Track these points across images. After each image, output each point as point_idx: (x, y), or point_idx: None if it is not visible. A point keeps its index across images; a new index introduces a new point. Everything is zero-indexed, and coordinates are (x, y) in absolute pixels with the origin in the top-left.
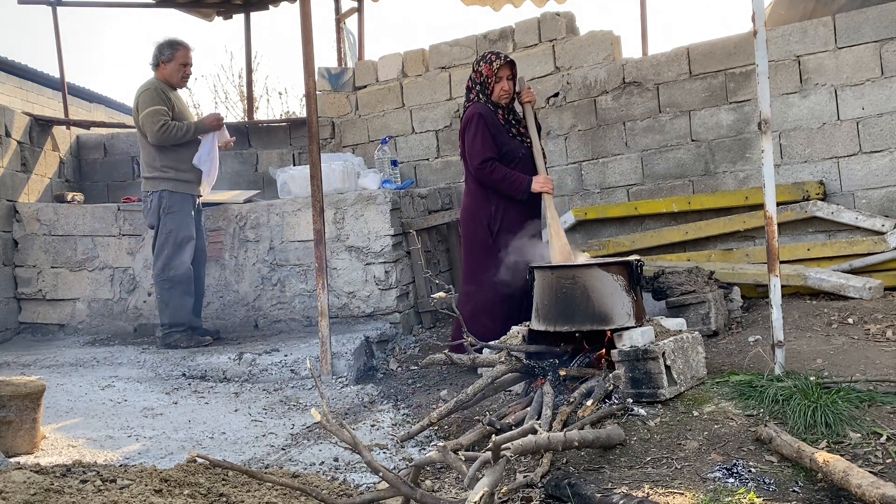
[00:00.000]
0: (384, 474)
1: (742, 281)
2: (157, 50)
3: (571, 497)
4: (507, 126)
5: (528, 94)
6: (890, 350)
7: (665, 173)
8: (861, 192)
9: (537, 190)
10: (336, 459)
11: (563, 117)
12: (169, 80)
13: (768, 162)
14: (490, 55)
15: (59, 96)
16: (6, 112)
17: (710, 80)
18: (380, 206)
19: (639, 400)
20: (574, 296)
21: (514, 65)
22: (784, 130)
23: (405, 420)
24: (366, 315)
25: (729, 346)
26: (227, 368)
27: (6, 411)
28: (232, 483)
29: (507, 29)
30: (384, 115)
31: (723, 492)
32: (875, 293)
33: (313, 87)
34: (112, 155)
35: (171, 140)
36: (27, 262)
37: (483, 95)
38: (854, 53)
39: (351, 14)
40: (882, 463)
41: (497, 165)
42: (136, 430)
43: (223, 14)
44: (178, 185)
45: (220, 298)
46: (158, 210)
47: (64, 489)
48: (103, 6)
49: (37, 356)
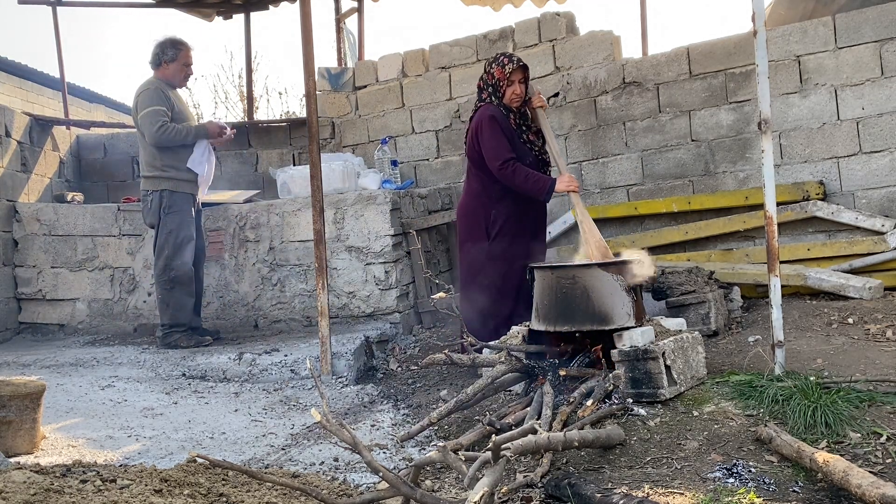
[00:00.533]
0: (384, 474)
1: (742, 281)
2: (159, 49)
3: (571, 497)
4: (518, 131)
5: (539, 100)
6: (890, 350)
7: (665, 173)
8: (861, 192)
9: (562, 190)
10: (336, 459)
11: (563, 117)
12: (170, 80)
13: (768, 162)
14: (503, 58)
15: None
16: (6, 112)
17: (710, 80)
18: (380, 206)
19: (639, 400)
20: (574, 296)
21: (526, 69)
22: (784, 130)
23: (405, 420)
24: (366, 315)
25: (729, 346)
26: (227, 368)
27: (6, 411)
28: (232, 483)
29: (507, 29)
30: (384, 115)
31: (723, 492)
32: (875, 293)
33: (313, 87)
34: (112, 155)
35: (168, 142)
36: (27, 262)
37: (495, 98)
38: (854, 53)
39: (351, 14)
40: (882, 463)
41: (518, 166)
42: (136, 430)
43: (223, 14)
44: (179, 185)
45: (220, 298)
46: (159, 210)
47: (64, 489)
48: (103, 6)
49: (37, 356)
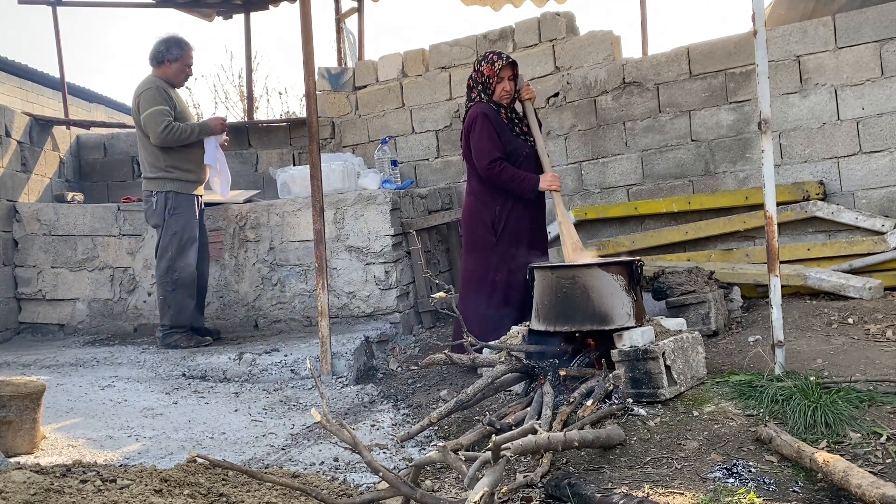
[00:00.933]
0: (384, 474)
1: (742, 281)
2: (163, 47)
3: (571, 497)
4: (510, 125)
5: (528, 92)
6: (890, 350)
7: (665, 173)
8: (861, 192)
9: (545, 188)
10: (336, 459)
11: (563, 117)
12: (170, 79)
13: (768, 162)
14: (492, 55)
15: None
16: (6, 112)
17: (710, 80)
18: (380, 206)
19: (639, 400)
20: (574, 296)
21: (515, 65)
22: (784, 130)
23: (405, 420)
24: (366, 315)
25: (729, 346)
26: (227, 368)
27: (6, 411)
28: (232, 483)
29: (507, 29)
30: (384, 115)
31: (723, 492)
32: (875, 293)
33: (313, 87)
34: (112, 155)
35: (174, 141)
36: (27, 262)
37: (485, 95)
38: (854, 53)
39: (351, 14)
40: (882, 463)
41: (505, 165)
42: (136, 430)
43: (223, 14)
44: (184, 186)
45: (220, 298)
46: (164, 211)
47: (64, 489)
48: (103, 6)
49: (37, 356)
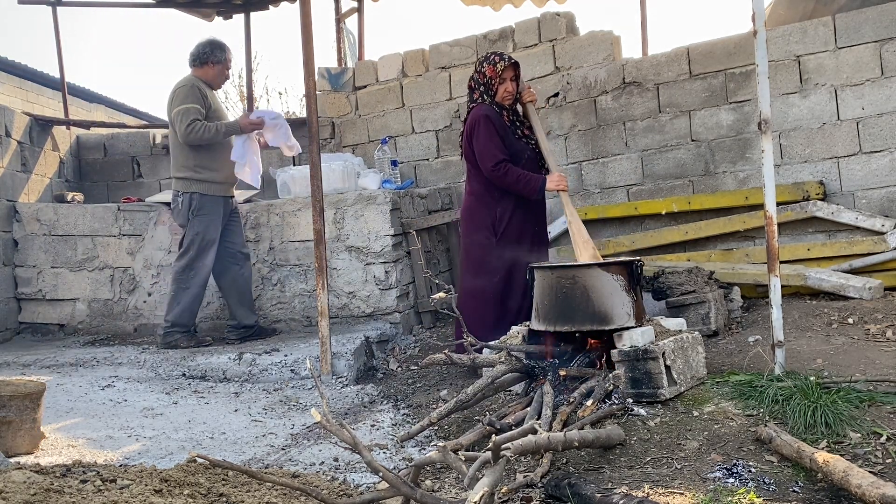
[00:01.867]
0: (384, 474)
1: (742, 281)
2: (208, 48)
3: (571, 497)
4: (512, 127)
5: (530, 94)
6: (890, 350)
7: (665, 173)
8: (861, 192)
9: (552, 189)
10: (336, 459)
11: (563, 117)
12: (210, 80)
13: (768, 162)
14: (494, 56)
15: (59, 96)
16: (6, 112)
17: (710, 80)
18: (380, 206)
19: (639, 400)
20: (574, 296)
21: (517, 66)
22: (784, 130)
23: (405, 420)
24: (366, 315)
25: (729, 346)
26: (227, 368)
27: (6, 411)
28: (232, 483)
29: (507, 29)
30: (384, 115)
31: (723, 492)
32: (875, 293)
33: (313, 87)
34: (112, 155)
35: (199, 140)
36: (27, 262)
37: (487, 96)
38: (854, 53)
39: (351, 14)
40: (882, 463)
41: (510, 167)
42: (136, 430)
43: (223, 14)
44: (210, 188)
45: (220, 298)
46: (188, 212)
47: (64, 489)
48: (103, 6)
49: (37, 356)
